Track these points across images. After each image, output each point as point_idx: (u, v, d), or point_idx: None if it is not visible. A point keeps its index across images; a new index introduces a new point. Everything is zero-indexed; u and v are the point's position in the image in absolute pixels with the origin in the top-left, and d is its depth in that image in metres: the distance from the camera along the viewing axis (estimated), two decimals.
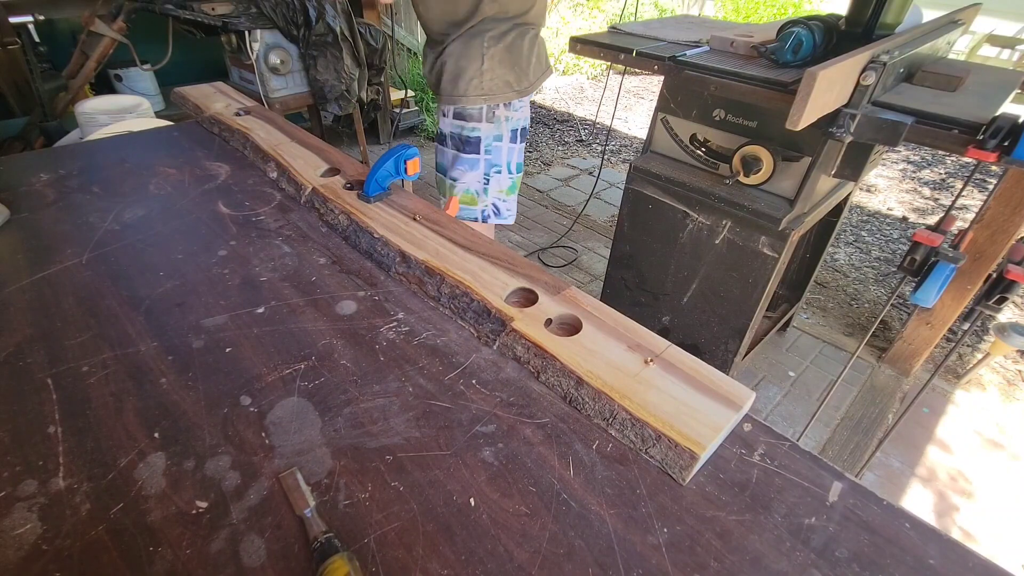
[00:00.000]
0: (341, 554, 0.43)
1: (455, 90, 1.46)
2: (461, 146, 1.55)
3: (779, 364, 2.17)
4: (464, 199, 1.64)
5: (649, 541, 0.47)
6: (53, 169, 1.02)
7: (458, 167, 1.59)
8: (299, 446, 0.53)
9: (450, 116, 1.52)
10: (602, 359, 0.61)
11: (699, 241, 1.55)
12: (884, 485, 1.74)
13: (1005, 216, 1.66)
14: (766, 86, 1.23)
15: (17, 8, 2.52)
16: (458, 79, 1.44)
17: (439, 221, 0.86)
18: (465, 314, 0.70)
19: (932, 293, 1.21)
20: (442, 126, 1.56)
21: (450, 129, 1.54)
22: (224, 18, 2.32)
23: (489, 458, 0.53)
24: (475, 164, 1.58)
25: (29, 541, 0.45)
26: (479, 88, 1.45)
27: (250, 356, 0.63)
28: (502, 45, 1.42)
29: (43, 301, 0.70)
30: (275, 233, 0.86)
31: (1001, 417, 2.02)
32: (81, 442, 0.53)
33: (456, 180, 1.61)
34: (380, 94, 3.20)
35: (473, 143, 1.54)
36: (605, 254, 2.58)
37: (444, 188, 1.66)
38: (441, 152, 1.62)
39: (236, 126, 1.14)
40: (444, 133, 1.57)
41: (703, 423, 0.53)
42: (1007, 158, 0.97)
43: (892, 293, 1.60)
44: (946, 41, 1.38)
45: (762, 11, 5.53)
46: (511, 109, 1.54)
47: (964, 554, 0.46)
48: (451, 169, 1.61)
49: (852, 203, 3.20)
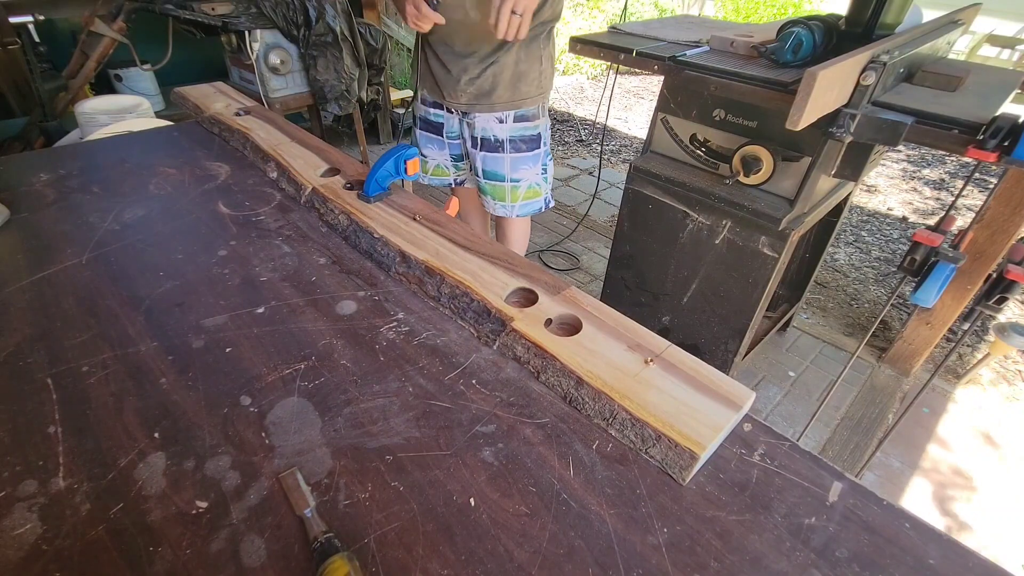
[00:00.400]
0: (341, 554, 0.43)
1: (516, 94, 1.48)
2: (522, 147, 1.57)
3: (779, 364, 2.17)
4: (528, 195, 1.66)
5: (649, 541, 0.47)
6: (53, 169, 1.02)
7: (521, 168, 1.61)
8: (299, 446, 0.53)
9: (510, 121, 1.53)
10: (602, 359, 0.61)
11: (699, 241, 1.55)
12: (884, 485, 1.73)
13: (1005, 216, 1.66)
14: (766, 86, 1.23)
15: (17, 8, 2.52)
16: (519, 83, 1.47)
17: (439, 221, 0.86)
18: (465, 314, 0.70)
19: (932, 293, 1.21)
20: (496, 134, 1.54)
21: (508, 134, 1.54)
22: (224, 18, 2.32)
23: (489, 458, 0.53)
24: (536, 159, 1.61)
25: (29, 541, 0.45)
26: (539, 88, 1.50)
27: (250, 356, 0.63)
28: (551, 44, 1.48)
29: (43, 301, 0.70)
30: (275, 233, 0.86)
31: (1001, 417, 2.02)
32: (81, 442, 0.53)
33: (519, 181, 1.63)
34: (380, 94, 3.21)
35: (535, 140, 1.58)
36: (605, 254, 2.58)
37: (502, 193, 1.65)
38: (494, 160, 1.59)
39: (236, 126, 1.14)
40: (499, 140, 1.55)
41: (703, 423, 0.53)
42: (1007, 158, 0.97)
43: (892, 293, 1.60)
44: (946, 41, 1.38)
45: (762, 11, 5.53)
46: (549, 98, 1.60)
47: (964, 554, 0.46)
48: (512, 172, 1.61)
49: (852, 203, 3.20)
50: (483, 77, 1.44)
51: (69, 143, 1.82)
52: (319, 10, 2.46)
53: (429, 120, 1.62)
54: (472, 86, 1.45)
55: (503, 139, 1.54)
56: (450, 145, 1.63)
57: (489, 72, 1.43)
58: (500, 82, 1.44)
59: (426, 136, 1.66)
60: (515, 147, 1.56)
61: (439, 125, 1.61)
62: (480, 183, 1.64)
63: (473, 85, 1.45)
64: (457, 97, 1.48)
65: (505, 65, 1.42)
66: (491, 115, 1.50)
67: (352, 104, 2.77)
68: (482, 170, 1.61)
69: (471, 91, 1.46)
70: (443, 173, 1.70)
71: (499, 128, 1.52)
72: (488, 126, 1.53)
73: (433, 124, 1.62)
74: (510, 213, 1.67)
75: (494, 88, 1.45)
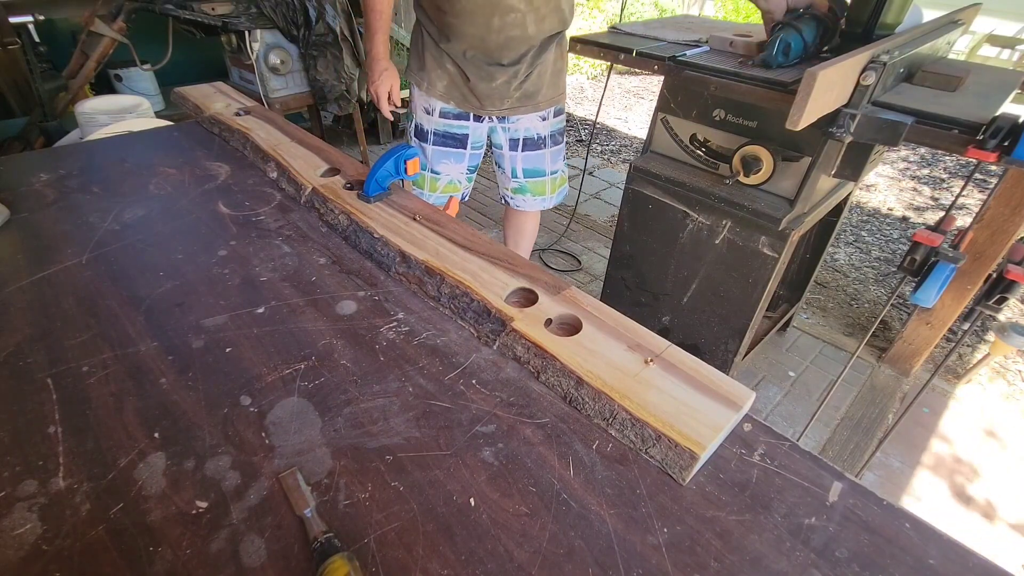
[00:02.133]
0: (341, 554, 0.43)
1: (555, 91, 1.55)
2: (559, 139, 1.64)
3: (779, 364, 2.17)
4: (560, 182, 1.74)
5: (649, 541, 0.47)
6: (53, 169, 1.02)
7: (558, 160, 1.68)
8: (299, 446, 0.53)
9: (551, 117, 1.59)
10: (602, 359, 0.61)
11: (699, 241, 1.55)
12: (884, 485, 1.73)
13: (1005, 216, 1.66)
14: (766, 86, 1.23)
15: (17, 8, 2.52)
16: (558, 80, 1.54)
17: (439, 221, 0.86)
18: (465, 314, 0.70)
19: (932, 293, 1.21)
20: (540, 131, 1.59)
21: (549, 130, 1.60)
22: (224, 18, 2.32)
23: (489, 458, 0.53)
24: (563, 149, 1.70)
25: (29, 541, 0.45)
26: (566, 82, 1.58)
27: (250, 356, 0.63)
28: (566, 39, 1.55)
29: (43, 301, 0.70)
30: (275, 233, 0.86)
31: (1001, 417, 2.02)
32: (81, 442, 0.53)
33: (556, 172, 1.70)
34: None
35: (563, 132, 1.67)
36: (605, 254, 2.57)
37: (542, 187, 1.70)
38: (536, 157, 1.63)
39: (236, 126, 1.14)
40: (542, 136, 1.60)
41: (703, 423, 0.53)
42: (1007, 158, 0.97)
43: (892, 293, 1.60)
44: (946, 41, 1.38)
45: None
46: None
47: (964, 554, 0.46)
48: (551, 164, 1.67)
49: (852, 203, 3.20)
50: (529, 80, 1.47)
51: (69, 143, 1.82)
52: (319, 10, 2.46)
53: (451, 133, 1.57)
54: (519, 91, 1.48)
55: (545, 135, 1.59)
56: (471, 156, 1.62)
57: (535, 73, 1.47)
58: (544, 82, 1.49)
59: (442, 151, 1.60)
60: (555, 140, 1.63)
61: (463, 137, 1.57)
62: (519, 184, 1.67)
63: (520, 90, 1.48)
64: (499, 104, 1.48)
65: (547, 65, 1.47)
66: (536, 114, 1.55)
67: (352, 104, 2.77)
68: (522, 170, 1.64)
69: (517, 95, 1.48)
70: (454, 188, 1.68)
71: (541, 125, 1.57)
72: (531, 125, 1.57)
73: (455, 137, 1.57)
74: (547, 205, 1.73)
75: (539, 88, 1.50)
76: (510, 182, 1.67)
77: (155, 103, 2.89)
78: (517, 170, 1.62)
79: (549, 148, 1.62)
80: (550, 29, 1.41)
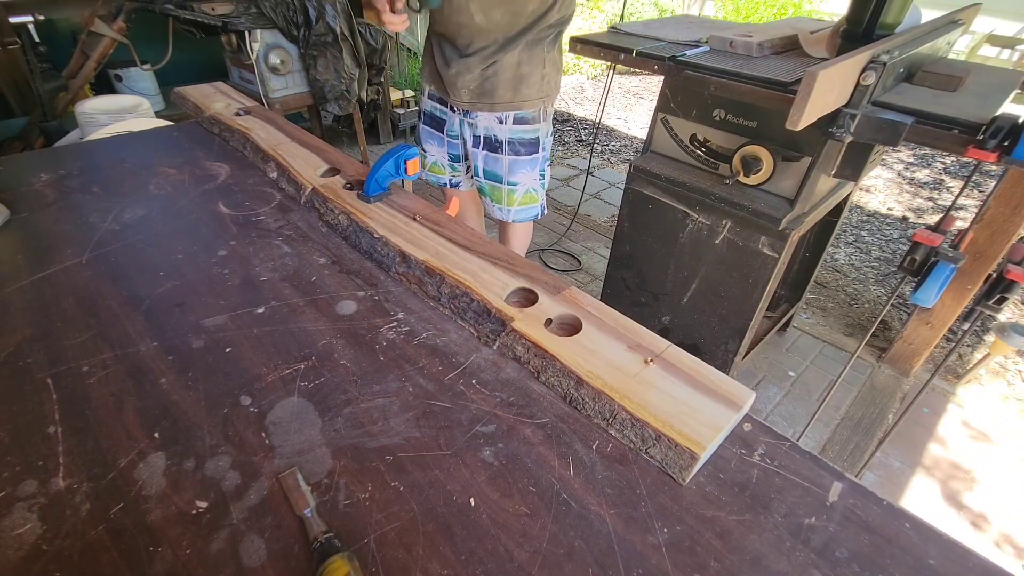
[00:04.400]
0: (341, 554, 0.43)
1: (516, 96, 1.47)
2: (521, 149, 1.57)
3: (779, 364, 2.17)
4: (524, 200, 1.66)
5: (649, 541, 0.47)
6: (53, 169, 1.02)
7: (518, 171, 1.60)
8: (299, 446, 0.53)
9: (509, 123, 1.52)
10: (602, 359, 0.61)
11: (699, 241, 1.55)
12: (884, 485, 1.73)
13: (1005, 216, 1.66)
14: (766, 86, 1.23)
15: (17, 8, 2.52)
16: (520, 86, 1.46)
17: (439, 221, 0.86)
18: (465, 314, 0.70)
19: (932, 293, 1.21)
20: (497, 134, 1.54)
21: (508, 136, 1.54)
22: (224, 18, 2.32)
23: (489, 458, 0.53)
24: (535, 163, 1.61)
25: (29, 541, 0.45)
26: (540, 91, 1.49)
27: (250, 356, 0.63)
28: (556, 49, 1.47)
29: (43, 301, 0.70)
30: (275, 233, 0.86)
31: (1001, 417, 2.02)
32: (81, 442, 0.53)
33: (517, 184, 1.63)
34: (380, 94, 3.21)
35: (533, 144, 1.58)
36: (605, 254, 2.57)
37: (500, 195, 1.65)
38: (494, 160, 1.59)
39: (236, 126, 1.14)
40: (499, 140, 1.55)
41: (703, 423, 0.53)
42: (1007, 158, 0.97)
43: (892, 293, 1.60)
44: (946, 41, 1.38)
45: (762, 11, 5.53)
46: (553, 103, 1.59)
47: (964, 554, 0.46)
48: (509, 175, 1.61)
49: (852, 203, 3.20)
50: (484, 77, 1.43)
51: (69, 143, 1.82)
52: (319, 10, 2.46)
53: (434, 115, 1.63)
54: (474, 84, 1.45)
55: (503, 140, 1.54)
56: (449, 144, 1.63)
57: (490, 72, 1.42)
58: (500, 83, 1.43)
59: (428, 131, 1.67)
60: (513, 149, 1.56)
61: (441, 122, 1.61)
62: (480, 183, 1.64)
63: (475, 84, 1.45)
64: (460, 95, 1.48)
65: (506, 66, 1.41)
66: (492, 115, 1.50)
67: (352, 104, 2.77)
68: (482, 169, 1.61)
69: (473, 89, 1.46)
70: (439, 171, 1.71)
71: (499, 128, 1.52)
72: (490, 125, 1.53)
73: (436, 119, 1.63)
74: (507, 217, 1.67)
75: (495, 88, 1.44)
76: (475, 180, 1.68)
77: (155, 103, 2.89)
78: (479, 168, 1.62)
79: (507, 155, 1.56)
80: (505, 24, 1.37)
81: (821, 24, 1.66)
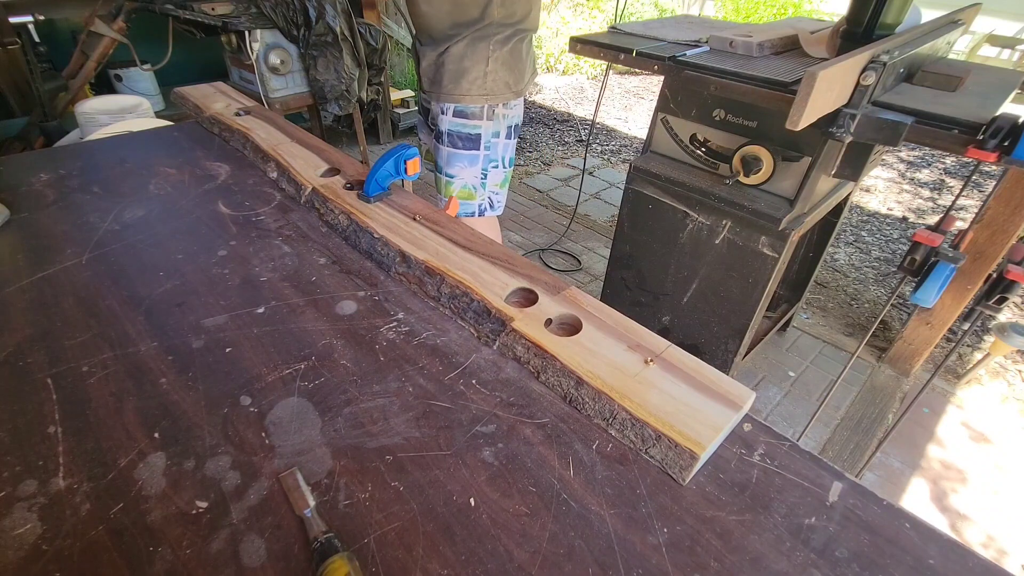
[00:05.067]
0: (341, 554, 0.43)
1: (457, 89, 1.49)
2: (459, 143, 1.58)
3: (779, 364, 2.17)
4: (461, 195, 1.68)
5: (649, 541, 0.47)
6: (53, 169, 1.02)
7: (456, 164, 1.62)
8: (299, 446, 0.53)
9: (449, 114, 1.54)
10: (602, 359, 0.61)
11: (699, 241, 1.55)
12: (884, 485, 1.73)
13: (1005, 216, 1.66)
14: (766, 86, 1.23)
15: (17, 8, 2.52)
16: (461, 79, 1.47)
17: (439, 221, 0.86)
18: (465, 314, 0.70)
19: (932, 293, 1.21)
20: (440, 125, 1.57)
21: (448, 127, 1.56)
22: (224, 18, 2.32)
23: (489, 458, 0.53)
24: (474, 160, 1.61)
25: (29, 541, 0.45)
26: (482, 88, 1.49)
27: (250, 356, 0.63)
28: (506, 49, 1.47)
29: (43, 301, 0.70)
30: (275, 233, 0.86)
31: (1001, 417, 2.02)
32: (81, 442, 0.53)
33: (453, 177, 1.65)
34: (380, 94, 3.20)
35: (473, 139, 1.58)
36: (605, 254, 2.57)
37: (440, 185, 1.70)
38: (437, 150, 1.63)
39: (236, 126, 1.14)
40: (441, 131, 1.58)
41: (703, 423, 0.53)
42: (1007, 158, 0.97)
43: (892, 293, 1.60)
44: (946, 41, 1.38)
45: (762, 11, 5.53)
46: (507, 107, 1.58)
47: (964, 554, 0.46)
48: (447, 166, 1.63)
49: (852, 203, 3.20)
50: (437, 66, 1.48)
51: (69, 143, 1.82)
52: (319, 10, 2.46)
53: (422, 104, 1.71)
54: (430, 73, 1.51)
55: (444, 131, 1.57)
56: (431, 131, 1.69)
57: (440, 61, 1.47)
58: (445, 73, 1.47)
59: (420, 120, 1.76)
60: (452, 141, 1.58)
61: (426, 111, 1.67)
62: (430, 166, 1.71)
63: (431, 72, 1.51)
64: (422, 83, 1.55)
65: (453, 57, 1.45)
66: (438, 104, 1.54)
67: (352, 104, 2.77)
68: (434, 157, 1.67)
69: (430, 77, 1.52)
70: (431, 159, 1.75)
71: (441, 119, 1.56)
72: (436, 114, 1.57)
73: (424, 108, 1.70)
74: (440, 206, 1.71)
75: (441, 78, 1.49)
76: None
77: (155, 103, 2.89)
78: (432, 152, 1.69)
79: (446, 146, 1.59)
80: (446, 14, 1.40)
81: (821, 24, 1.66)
